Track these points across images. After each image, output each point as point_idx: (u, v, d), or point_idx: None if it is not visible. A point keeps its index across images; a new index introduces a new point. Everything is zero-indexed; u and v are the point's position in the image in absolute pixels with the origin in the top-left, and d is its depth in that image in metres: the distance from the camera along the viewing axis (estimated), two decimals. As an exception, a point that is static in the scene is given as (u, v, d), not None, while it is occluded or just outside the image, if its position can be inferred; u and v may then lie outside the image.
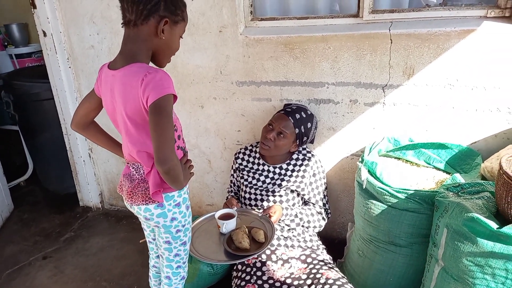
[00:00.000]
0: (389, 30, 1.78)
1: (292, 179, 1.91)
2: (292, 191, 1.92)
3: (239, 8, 1.98)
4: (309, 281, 1.62)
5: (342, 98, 1.96)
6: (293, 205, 1.91)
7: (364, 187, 1.71)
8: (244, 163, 2.03)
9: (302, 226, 1.89)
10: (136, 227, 2.62)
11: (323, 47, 1.90)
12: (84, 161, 2.74)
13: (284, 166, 1.95)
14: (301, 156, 1.96)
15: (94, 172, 2.80)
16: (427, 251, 1.53)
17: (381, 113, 1.92)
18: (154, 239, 1.58)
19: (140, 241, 2.23)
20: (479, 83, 1.71)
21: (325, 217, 1.96)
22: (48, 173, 3.13)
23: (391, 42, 1.79)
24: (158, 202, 1.30)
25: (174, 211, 1.35)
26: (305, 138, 1.90)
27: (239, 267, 1.79)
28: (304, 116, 1.88)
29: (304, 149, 1.99)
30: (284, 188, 1.90)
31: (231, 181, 2.12)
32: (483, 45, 1.66)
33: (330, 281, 1.55)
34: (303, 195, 1.94)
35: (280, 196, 1.90)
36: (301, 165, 1.93)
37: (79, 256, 2.39)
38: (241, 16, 2.01)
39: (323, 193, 1.99)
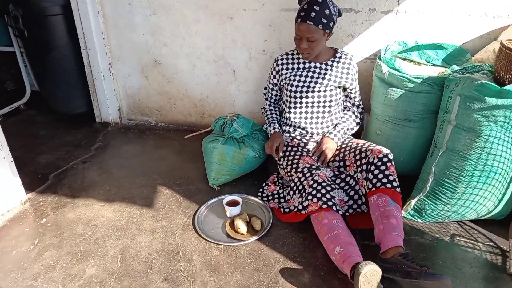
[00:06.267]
0: None
1: (338, 74, 2.13)
2: (337, 87, 2.14)
3: None
4: (343, 145, 2.11)
5: (363, 7, 2.31)
6: (340, 98, 2.18)
7: (386, 78, 2.13)
8: (288, 66, 2.19)
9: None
10: (162, 136, 2.85)
11: (350, -40, 2.20)
12: (103, 76, 2.84)
13: (329, 62, 2.14)
14: (343, 56, 2.16)
15: (114, 87, 2.92)
16: (438, 119, 2.02)
17: (394, 20, 2.31)
18: None
19: (185, 137, 2.48)
20: (474, -7, 2.17)
21: (359, 121, 2.27)
22: (55, 93, 3.15)
23: (408, -43, 2.15)
24: None
25: None
26: (331, 23, 1.98)
27: (284, 148, 2.17)
28: (318, 8, 1.92)
29: (346, 54, 2.18)
30: (330, 85, 2.12)
31: (268, 85, 2.29)
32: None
33: (358, 143, 2.05)
34: (351, 89, 2.20)
35: (324, 91, 2.11)
36: (344, 62, 2.14)
37: (118, 159, 2.58)
38: None
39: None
